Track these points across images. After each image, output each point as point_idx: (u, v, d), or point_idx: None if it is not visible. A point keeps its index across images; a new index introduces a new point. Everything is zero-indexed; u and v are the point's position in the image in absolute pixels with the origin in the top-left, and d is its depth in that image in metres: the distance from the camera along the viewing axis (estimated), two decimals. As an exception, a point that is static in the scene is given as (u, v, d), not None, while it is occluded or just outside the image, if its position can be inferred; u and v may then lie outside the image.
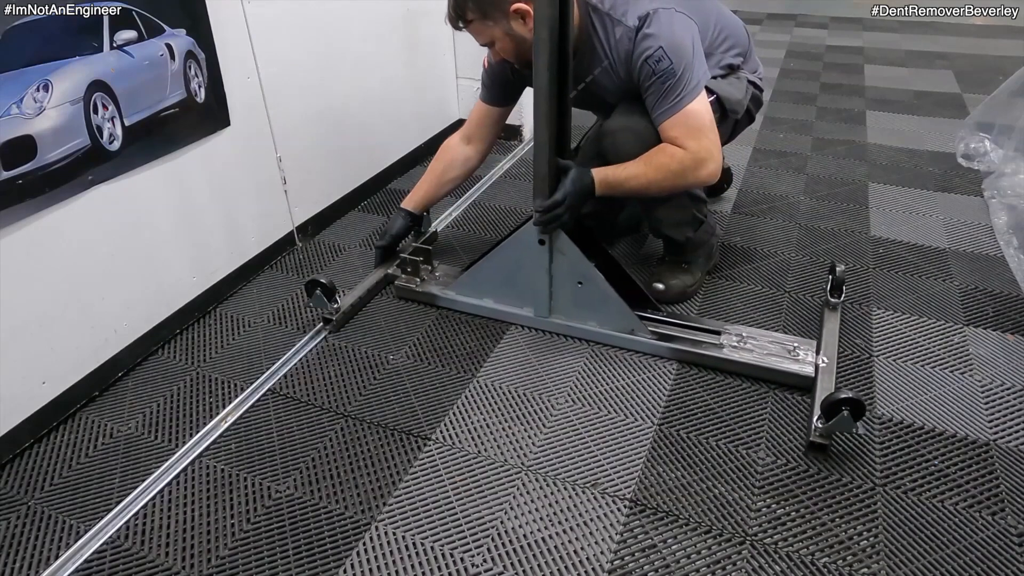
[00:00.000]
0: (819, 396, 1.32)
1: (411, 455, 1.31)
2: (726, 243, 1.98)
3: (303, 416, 1.41)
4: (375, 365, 1.55)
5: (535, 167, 1.43)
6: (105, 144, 1.39)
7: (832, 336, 1.53)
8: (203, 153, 1.65)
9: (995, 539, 1.12)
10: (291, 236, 2.02)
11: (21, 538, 1.18)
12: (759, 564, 1.09)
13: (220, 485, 1.26)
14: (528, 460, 1.29)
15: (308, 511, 1.20)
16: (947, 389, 1.43)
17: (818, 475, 1.24)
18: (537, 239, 1.49)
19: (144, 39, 1.43)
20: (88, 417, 1.43)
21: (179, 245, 1.64)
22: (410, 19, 2.38)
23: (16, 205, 1.24)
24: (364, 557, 1.12)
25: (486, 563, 1.10)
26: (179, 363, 1.58)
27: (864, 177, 2.38)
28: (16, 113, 1.21)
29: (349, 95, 2.15)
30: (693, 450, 1.30)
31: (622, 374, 1.50)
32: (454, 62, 2.69)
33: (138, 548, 1.15)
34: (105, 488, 1.26)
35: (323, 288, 1.61)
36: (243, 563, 1.11)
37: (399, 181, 2.47)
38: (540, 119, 1.37)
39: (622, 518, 1.17)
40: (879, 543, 1.11)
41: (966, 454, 1.27)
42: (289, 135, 1.91)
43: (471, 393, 1.46)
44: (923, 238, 1.99)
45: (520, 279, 1.58)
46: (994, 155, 2.37)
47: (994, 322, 1.63)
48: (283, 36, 1.83)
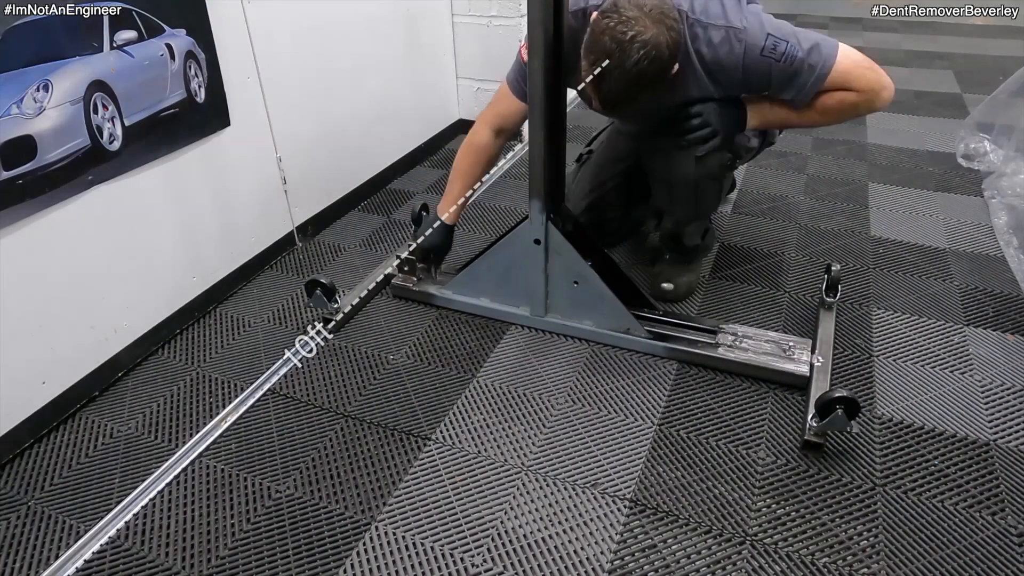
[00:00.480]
0: (814, 395, 1.32)
1: (411, 455, 1.31)
2: (726, 243, 1.98)
3: (303, 416, 1.41)
4: (375, 365, 1.55)
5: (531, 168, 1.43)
6: (105, 144, 1.39)
7: (828, 335, 1.54)
8: (203, 153, 1.65)
9: (995, 539, 1.12)
10: (291, 236, 2.02)
11: (21, 538, 1.18)
12: (759, 564, 1.09)
13: (220, 485, 1.26)
14: (528, 460, 1.29)
15: (308, 511, 1.20)
16: (947, 389, 1.43)
17: (818, 475, 1.24)
18: (533, 239, 1.49)
19: (144, 39, 1.43)
20: (88, 417, 1.43)
21: (179, 245, 1.64)
22: (410, 19, 2.38)
23: (16, 205, 1.24)
24: (364, 557, 1.12)
25: (486, 563, 1.10)
26: (179, 363, 1.58)
27: (864, 177, 2.38)
28: (16, 113, 1.21)
29: (349, 95, 2.15)
30: (693, 450, 1.30)
31: (622, 374, 1.49)
32: (454, 62, 2.69)
33: (138, 548, 1.15)
34: (105, 488, 1.26)
35: (323, 288, 1.61)
36: (243, 563, 1.11)
37: (399, 181, 2.47)
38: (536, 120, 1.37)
39: (622, 518, 1.17)
40: (879, 543, 1.11)
41: (966, 454, 1.27)
42: (289, 135, 1.91)
43: (471, 393, 1.46)
44: (923, 238, 1.99)
45: (516, 278, 1.58)
46: (994, 155, 2.37)
47: (994, 322, 1.63)
48: (283, 36, 1.83)
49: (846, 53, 1.36)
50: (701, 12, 1.35)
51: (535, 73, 1.32)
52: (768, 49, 1.33)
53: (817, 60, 1.34)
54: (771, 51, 1.33)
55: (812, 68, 1.34)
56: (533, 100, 1.35)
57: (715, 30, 1.34)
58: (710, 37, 1.35)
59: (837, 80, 1.36)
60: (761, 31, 1.33)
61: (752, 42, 1.33)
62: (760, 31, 1.33)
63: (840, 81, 1.36)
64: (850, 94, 1.38)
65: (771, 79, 1.37)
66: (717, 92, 1.42)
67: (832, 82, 1.36)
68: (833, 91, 1.38)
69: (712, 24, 1.34)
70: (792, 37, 1.34)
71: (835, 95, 1.39)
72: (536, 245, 1.50)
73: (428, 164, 2.61)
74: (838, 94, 1.38)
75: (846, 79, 1.36)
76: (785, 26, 1.36)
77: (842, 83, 1.36)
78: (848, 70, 1.36)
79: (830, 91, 1.38)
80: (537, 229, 1.48)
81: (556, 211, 1.49)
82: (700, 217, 1.70)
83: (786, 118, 1.46)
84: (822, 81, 1.35)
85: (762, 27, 1.33)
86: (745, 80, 1.38)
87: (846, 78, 1.36)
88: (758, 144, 1.66)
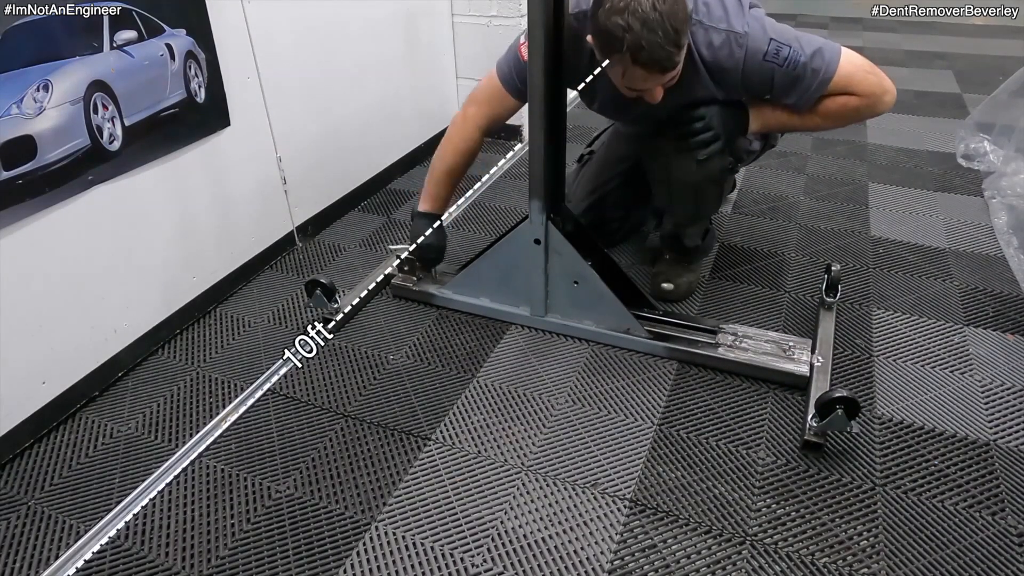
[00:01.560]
0: (814, 395, 1.32)
1: (411, 455, 1.31)
2: (726, 243, 1.98)
3: (303, 416, 1.41)
4: (375, 365, 1.55)
5: (531, 168, 1.43)
6: (105, 144, 1.39)
7: (828, 335, 1.54)
8: (203, 153, 1.65)
9: (995, 539, 1.12)
10: (291, 236, 2.02)
11: (21, 538, 1.18)
12: (759, 564, 1.09)
13: (220, 485, 1.26)
14: (528, 460, 1.29)
15: (308, 511, 1.20)
16: (947, 389, 1.43)
17: (818, 475, 1.24)
18: (533, 239, 1.49)
19: (144, 39, 1.43)
20: (88, 417, 1.43)
21: (179, 245, 1.64)
22: (410, 19, 2.38)
23: (16, 205, 1.24)
24: (364, 557, 1.12)
25: (486, 563, 1.10)
26: (179, 363, 1.58)
27: (864, 177, 2.38)
28: (16, 113, 1.21)
29: (349, 95, 2.15)
30: (693, 450, 1.30)
31: (622, 374, 1.49)
32: (454, 62, 2.69)
33: (138, 548, 1.15)
34: (105, 488, 1.26)
35: (323, 288, 1.61)
36: (243, 563, 1.11)
37: (399, 181, 2.47)
38: (536, 120, 1.37)
39: (622, 518, 1.17)
40: (879, 543, 1.11)
41: (966, 454, 1.27)
42: (289, 135, 1.91)
43: (471, 393, 1.46)
44: (923, 238, 1.99)
45: (516, 278, 1.58)
46: (994, 155, 2.37)
47: (994, 322, 1.63)
48: (283, 36, 1.83)
49: (848, 57, 1.36)
50: (703, 14, 1.35)
51: (535, 73, 1.32)
52: (771, 54, 1.32)
53: (820, 65, 1.33)
54: (774, 56, 1.32)
55: (815, 73, 1.34)
56: (533, 100, 1.35)
57: (716, 33, 1.34)
58: (711, 39, 1.34)
59: (840, 84, 1.36)
60: (764, 36, 1.33)
61: (754, 47, 1.33)
62: (763, 36, 1.33)
63: (843, 85, 1.36)
64: (853, 98, 1.38)
65: (774, 84, 1.36)
66: (719, 93, 1.41)
67: (835, 86, 1.36)
68: (836, 95, 1.38)
69: (713, 27, 1.34)
70: (795, 42, 1.33)
71: (838, 99, 1.38)
72: (536, 245, 1.50)
73: (428, 164, 2.60)
74: (841, 98, 1.38)
75: (849, 83, 1.36)
76: (787, 30, 1.35)
77: (845, 87, 1.36)
78: (851, 74, 1.35)
79: (832, 95, 1.38)
80: (537, 229, 1.48)
81: (556, 211, 1.49)
82: (700, 219, 1.70)
83: (788, 122, 1.46)
84: (825, 86, 1.35)
85: (764, 32, 1.33)
86: (744, 84, 1.38)
87: (849, 82, 1.36)
88: (760, 148, 1.65)
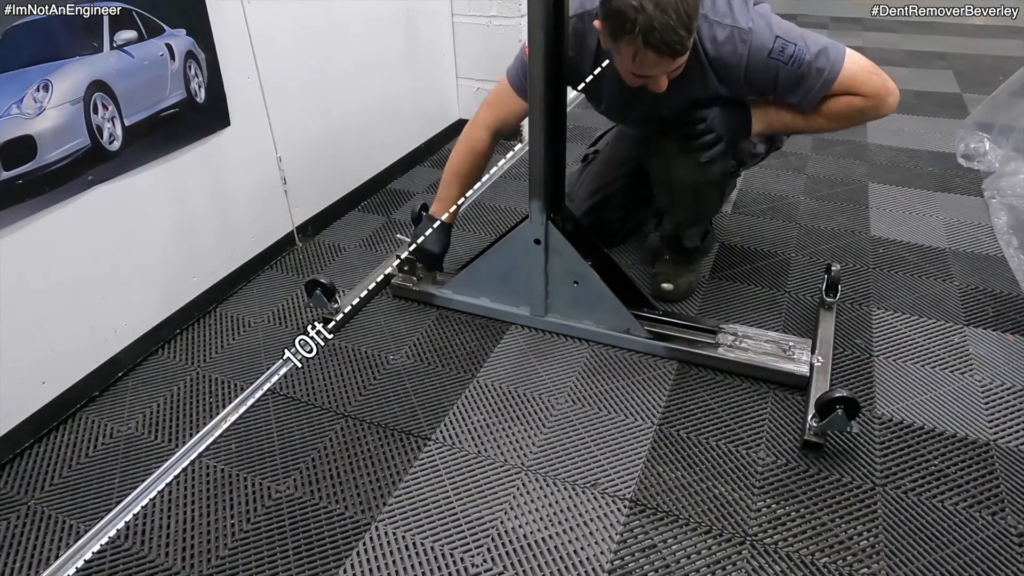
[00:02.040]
0: (814, 395, 1.32)
1: (411, 455, 1.31)
2: (726, 243, 1.98)
3: (303, 416, 1.41)
4: (375, 365, 1.55)
5: (531, 168, 1.43)
6: (105, 144, 1.39)
7: (828, 335, 1.54)
8: (203, 153, 1.65)
9: (995, 539, 1.12)
10: (291, 236, 2.02)
11: (21, 538, 1.18)
12: (759, 564, 1.09)
13: (220, 485, 1.26)
14: (528, 460, 1.29)
15: (308, 511, 1.20)
16: (947, 389, 1.43)
17: (818, 475, 1.24)
18: (533, 239, 1.49)
19: (144, 39, 1.43)
20: (88, 417, 1.43)
21: (179, 245, 1.64)
22: (410, 19, 2.38)
23: (16, 205, 1.24)
24: (364, 557, 1.12)
25: (486, 563, 1.10)
26: (179, 363, 1.58)
27: (864, 177, 2.38)
28: (16, 113, 1.21)
29: (349, 95, 2.15)
30: (693, 450, 1.30)
31: (622, 374, 1.49)
32: (454, 62, 2.69)
33: (138, 548, 1.15)
34: (105, 488, 1.26)
35: (323, 288, 1.61)
36: (243, 563, 1.11)
37: (399, 181, 2.47)
38: (536, 120, 1.37)
39: (622, 518, 1.17)
40: (879, 543, 1.11)
41: (966, 454, 1.27)
42: (289, 135, 1.91)
43: (471, 393, 1.46)
44: (923, 238, 1.99)
45: (516, 278, 1.58)
46: (994, 155, 2.37)
47: (994, 322, 1.63)
48: (283, 36, 1.83)
49: (853, 58, 1.36)
50: (708, 8, 1.33)
51: (535, 74, 1.32)
52: (776, 51, 1.32)
53: (825, 64, 1.33)
54: (779, 53, 1.32)
55: (820, 72, 1.33)
56: (533, 100, 1.35)
57: (720, 28, 1.33)
58: (715, 34, 1.34)
59: (844, 85, 1.35)
60: (769, 33, 1.32)
61: (759, 44, 1.32)
62: (768, 33, 1.32)
63: (847, 86, 1.35)
64: (856, 99, 1.37)
65: (777, 82, 1.36)
66: (723, 90, 1.40)
67: (839, 87, 1.35)
68: (839, 96, 1.37)
69: (718, 22, 1.33)
70: (800, 40, 1.33)
71: (841, 99, 1.38)
72: (536, 245, 1.50)
73: (428, 164, 2.61)
74: (844, 99, 1.38)
75: (853, 84, 1.35)
76: (793, 28, 1.35)
77: (849, 88, 1.36)
78: (855, 75, 1.35)
79: (836, 96, 1.37)
80: (537, 229, 1.48)
81: (556, 211, 1.49)
82: (701, 220, 1.70)
83: (792, 123, 1.45)
84: (829, 85, 1.35)
85: (770, 29, 1.32)
86: (748, 81, 1.37)
87: (853, 82, 1.35)
88: (764, 150, 1.65)
